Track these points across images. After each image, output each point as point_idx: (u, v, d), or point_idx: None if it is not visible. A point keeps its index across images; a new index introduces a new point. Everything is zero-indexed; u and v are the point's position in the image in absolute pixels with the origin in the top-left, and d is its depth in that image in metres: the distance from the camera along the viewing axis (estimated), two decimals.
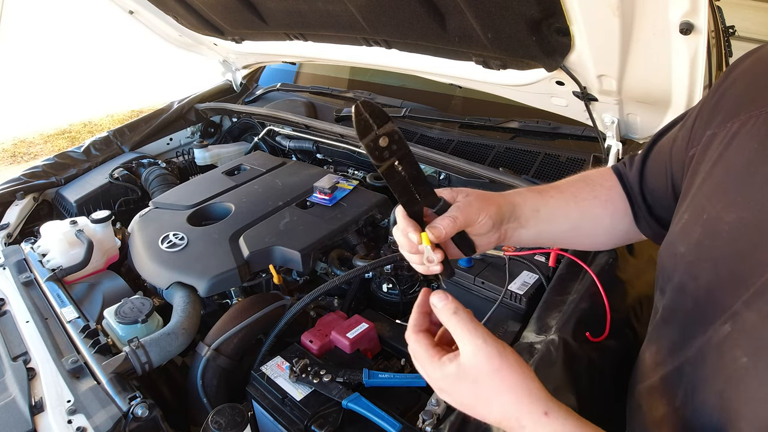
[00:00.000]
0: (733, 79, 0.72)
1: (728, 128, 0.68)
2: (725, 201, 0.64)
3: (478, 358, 0.63)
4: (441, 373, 0.65)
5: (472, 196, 0.79)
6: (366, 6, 1.46)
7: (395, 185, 0.70)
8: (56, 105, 7.19)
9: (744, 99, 0.67)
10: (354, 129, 0.65)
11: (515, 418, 0.62)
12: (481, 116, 1.88)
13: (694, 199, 0.71)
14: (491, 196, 0.82)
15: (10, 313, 1.38)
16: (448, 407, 1.06)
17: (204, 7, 2.00)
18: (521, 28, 1.19)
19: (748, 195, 0.62)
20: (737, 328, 0.59)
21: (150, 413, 1.04)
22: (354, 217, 1.67)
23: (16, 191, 2.00)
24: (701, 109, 0.77)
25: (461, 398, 0.65)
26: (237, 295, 1.56)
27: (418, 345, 0.68)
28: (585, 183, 0.94)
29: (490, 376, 0.62)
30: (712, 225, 0.65)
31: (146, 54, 6.79)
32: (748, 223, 0.60)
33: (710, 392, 0.61)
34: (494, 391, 0.62)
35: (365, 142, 0.65)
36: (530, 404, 0.62)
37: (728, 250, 0.62)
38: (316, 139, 2.24)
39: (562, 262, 1.25)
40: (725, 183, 0.66)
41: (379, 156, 0.66)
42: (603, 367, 1.03)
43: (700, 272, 0.66)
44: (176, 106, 2.58)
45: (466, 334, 0.64)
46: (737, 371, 0.57)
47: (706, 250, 0.66)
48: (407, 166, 0.69)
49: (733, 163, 0.66)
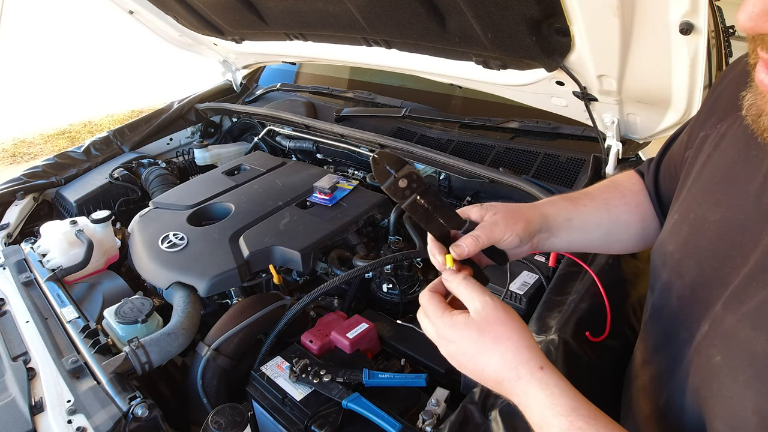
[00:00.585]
0: (728, 81, 0.74)
1: (718, 129, 0.71)
2: (711, 201, 0.66)
3: (486, 311, 0.66)
4: (450, 322, 0.67)
5: (500, 214, 0.79)
6: (366, 6, 1.46)
7: (420, 217, 0.74)
8: (56, 105, 7.19)
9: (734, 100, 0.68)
10: (375, 177, 0.72)
11: (513, 367, 0.64)
12: (481, 116, 1.88)
13: (684, 199, 0.73)
14: (520, 211, 0.81)
15: (10, 313, 1.38)
16: (448, 407, 1.06)
17: (204, 7, 2.00)
18: (521, 28, 1.19)
19: (731, 194, 0.64)
20: (714, 327, 0.60)
21: (150, 413, 1.04)
22: (354, 217, 1.67)
23: (16, 191, 2.00)
24: (699, 111, 0.78)
25: (464, 346, 0.67)
26: (237, 295, 1.56)
27: (432, 300, 0.71)
28: (615, 189, 0.94)
29: (495, 324, 0.65)
30: (698, 224, 0.67)
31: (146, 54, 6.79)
32: (731, 223, 0.62)
33: (689, 392, 0.62)
34: (497, 339, 0.65)
35: (386, 187, 0.71)
36: (529, 356, 0.64)
37: (712, 249, 0.64)
38: (316, 139, 2.24)
39: (562, 262, 1.25)
40: (712, 183, 0.68)
41: (401, 195, 0.72)
42: (603, 367, 1.03)
43: (685, 270, 0.68)
44: (176, 106, 2.58)
45: (475, 292, 0.68)
46: (711, 370, 0.59)
47: (692, 249, 0.67)
48: (428, 198, 0.74)
49: (719, 163, 0.68)
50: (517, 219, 0.79)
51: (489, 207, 0.80)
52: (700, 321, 0.63)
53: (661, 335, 0.73)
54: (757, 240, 0.58)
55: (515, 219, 0.79)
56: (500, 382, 0.65)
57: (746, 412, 0.53)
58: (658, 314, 0.75)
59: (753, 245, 0.58)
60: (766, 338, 0.53)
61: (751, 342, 0.54)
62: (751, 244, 0.58)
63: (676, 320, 0.69)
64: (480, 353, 0.65)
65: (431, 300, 0.71)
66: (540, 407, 0.61)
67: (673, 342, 0.68)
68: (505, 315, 0.66)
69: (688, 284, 0.67)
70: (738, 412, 0.54)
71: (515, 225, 0.78)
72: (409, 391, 1.14)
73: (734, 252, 0.60)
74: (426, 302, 0.72)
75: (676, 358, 0.66)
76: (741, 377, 0.54)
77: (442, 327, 0.68)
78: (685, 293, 0.67)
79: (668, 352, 0.70)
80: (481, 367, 0.66)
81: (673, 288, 0.70)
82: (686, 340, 0.64)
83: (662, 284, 0.73)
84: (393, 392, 1.14)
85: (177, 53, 2.63)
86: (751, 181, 0.61)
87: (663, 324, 0.73)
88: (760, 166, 0.61)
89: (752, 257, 0.57)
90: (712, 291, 0.62)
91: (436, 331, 0.69)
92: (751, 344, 0.54)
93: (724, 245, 0.62)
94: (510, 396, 0.65)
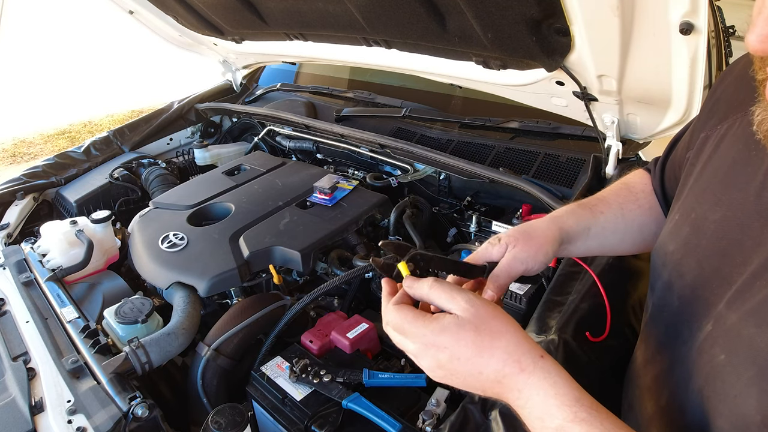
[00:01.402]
0: (728, 82, 0.74)
1: (719, 130, 0.71)
2: (712, 201, 0.66)
3: (474, 307, 0.62)
4: (439, 327, 0.62)
5: (519, 246, 0.77)
6: (366, 6, 1.46)
7: None
8: (56, 105, 7.19)
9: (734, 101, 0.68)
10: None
11: (516, 360, 0.60)
12: (481, 116, 1.88)
13: (686, 199, 0.73)
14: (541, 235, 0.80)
15: (10, 313, 1.38)
16: (448, 407, 1.06)
17: (204, 7, 2.00)
18: (521, 28, 1.19)
19: (732, 194, 0.64)
20: (718, 326, 0.60)
21: (150, 413, 1.04)
22: (354, 217, 1.67)
23: (16, 191, 2.00)
24: (700, 112, 0.78)
25: (459, 350, 0.61)
26: (237, 295, 1.56)
27: (403, 311, 0.65)
28: (630, 192, 0.94)
29: (489, 319, 0.62)
30: (699, 224, 0.67)
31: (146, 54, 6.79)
32: (732, 222, 0.62)
33: (692, 391, 0.62)
34: (496, 334, 0.61)
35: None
36: (529, 346, 0.62)
37: (713, 249, 0.64)
38: (316, 139, 2.24)
39: (562, 262, 1.25)
40: (713, 183, 0.68)
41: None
42: (603, 367, 1.03)
43: (686, 270, 0.68)
44: (176, 106, 2.58)
45: (455, 293, 0.64)
46: (714, 368, 0.58)
47: (693, 248, 0.67)
48: (440, 266, 0.73)
49: (720, 163, 0.68)
50: (538, 247, 0.78)
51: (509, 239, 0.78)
52: (701, 320, 0.63)
53: (663, 335, 0.73)
54: (758, 239, 0.58)
55: (536, 248, 0.78)
56: (500, 380, 0.61)
57: (750, 410, 0.53)
58: (659, 314, 0.75)
59: (754, 244, 0.58)
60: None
61: (755, 339, 0.54)
62: (751, 243, 0.59)
63: (677, 320, 0.69)
64: (478, 353, 0.61)
65: (402, 311, 0.65)
66: (543, 397, 0.58)
67: (675, 341, 0.68)
68: (492, 308, 0.63)
69: (689, 284, 0.67)
70: (742, 410, 0.54)
71: (536, 255, 0.78)
72: (409, 391, 1.14)
73: (735, 251, 0.60)
74: (397, 316, 0.65)
75: (678, 358, 0.66)
76: (745, 375, 0.54)
77: (429, 336, 0.62)
78: (686, 293, 0.67)
79: (670, 351, 0.70)
80: (479, 369, 0.61)
81: (674, 287, 0.70)
82: (688, 339, 0.65)
83: (663, 284, 0.73)
84: (393, 392, 1.14)
85: (177, 53, 2.63)
86: (752, 180, 0.61)
87: (664, 324, 0.73)
88: (760, 165, 0.61)
89: (755, 256, 0.57)
90: (713, 290, 0.62)
91: (422, 342, 0.63)
92: (755, 342, 0.54)
93: (724, 244, 0.62)
94: (508, 393, 0.61)
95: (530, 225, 0.82)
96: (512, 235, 0.79)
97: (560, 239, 0.82)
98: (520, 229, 0.81)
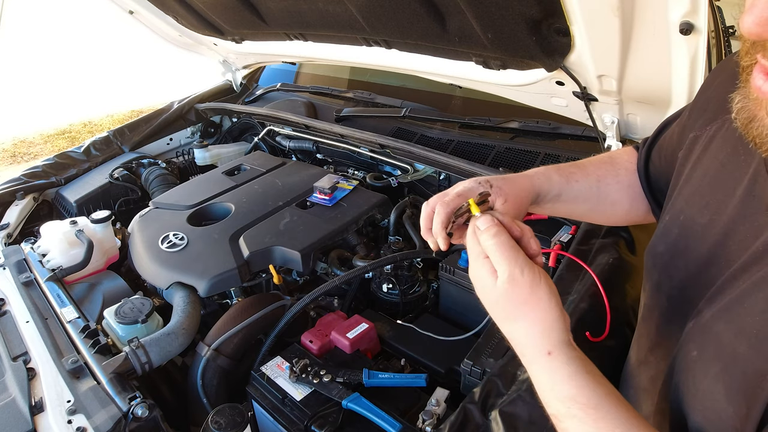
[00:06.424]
0: (718, 82, 0.74)
1: (707, 131, 0.71)
2: (701, 203, 0.67)
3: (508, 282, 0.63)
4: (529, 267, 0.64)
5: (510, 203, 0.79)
6: (366, 6, 1.46)
7: None
8: (56, 105, 7.19)
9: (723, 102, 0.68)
10: None
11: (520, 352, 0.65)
12: (481, 116, 1.88)
13: (676, 201, 0.73)
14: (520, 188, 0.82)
15: (10, 313, 1.38)
16: (448, 407, 1.06)
17: (204, 7, 2.00)
18: (521, 28, 1.19)
19: (719, 197, 0.64)
20: (695, 324, 0.61)
21: (150, 413, 1.04)
22: (354, 217, 1.67)
23: (16, 191, 2.00)
24: (691, 110, 0.78)
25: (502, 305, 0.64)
26: (237, 295, 1.56)
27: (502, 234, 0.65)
28: (612, 165, 0.94)
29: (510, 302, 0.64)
30: (688, 226, 0.68)
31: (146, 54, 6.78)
32: (718, 225, 0.63)
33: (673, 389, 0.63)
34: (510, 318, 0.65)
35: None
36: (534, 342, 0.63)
37: (699, 251, 0.65)
38: (316, 139, 2.24)
39: (562, 262, 1.25)
40: (702, 186, 0.68)
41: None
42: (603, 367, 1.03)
43: (674, 271, 0.69)
44: (176, 106, 2.58)
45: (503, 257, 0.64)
46: (687, 364, 0.60)
47: (681, 251, 0.68)
48: None
49: (708, 166, 0.68)
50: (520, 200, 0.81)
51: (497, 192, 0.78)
52: (687, 320, 0.63)
53: (654, 335, 0.74)
54: (743, 243, 0.58)
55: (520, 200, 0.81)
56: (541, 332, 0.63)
57: (721, 404, 0.53)
58: (650, 314, 0.76)
59: (738, 248, 0.59)
60: (734, 332, 0.54)
61: (722, 336, 0.55)
62: (736, 247, 0.59)
63: (666, 320, 0.70)
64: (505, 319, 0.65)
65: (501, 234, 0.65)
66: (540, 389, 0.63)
67: (665, 342, 0.69)
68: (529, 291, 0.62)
69: (677, 285, 0.68)
70: (714, 404, 0.54)
71: (520, 206, 0.80)
72: (409, 391, 1.14)
73: (720, 254, 0.61)
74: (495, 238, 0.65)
75: (668, 358, 0.67)
76: (711, 371, 0.55)
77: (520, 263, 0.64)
78: (674, 293, 0.68)
79: (661, 351, 0.71)
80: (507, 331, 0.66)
81: (663, 288, 0.71)
82: (677, 339, 0.65)
83: (653, 285, 0.74)
84: (393, 392, 1.14)
85: (177, 53, 2.63)
86: (739, 184, 0.62)
87: (655, 324, 0.74)
88: (747, 169, 0.61)
89: (738, 260, 0.58)
90: (697, 291, 0.63)
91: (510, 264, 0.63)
92: (722, 338, 0.55)
93: (711, 248, 0.63)
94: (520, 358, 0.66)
95: (509, 179, 0.82)
96: (499, 186, 0.79)
97: (532, 198, 0.84)
98: (501, 179, 0.81)
